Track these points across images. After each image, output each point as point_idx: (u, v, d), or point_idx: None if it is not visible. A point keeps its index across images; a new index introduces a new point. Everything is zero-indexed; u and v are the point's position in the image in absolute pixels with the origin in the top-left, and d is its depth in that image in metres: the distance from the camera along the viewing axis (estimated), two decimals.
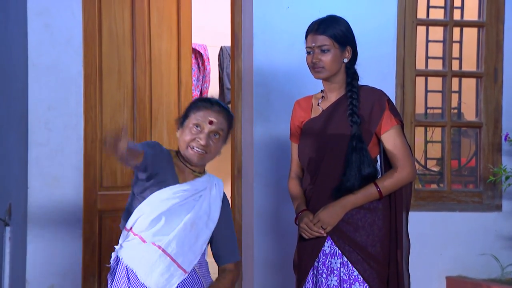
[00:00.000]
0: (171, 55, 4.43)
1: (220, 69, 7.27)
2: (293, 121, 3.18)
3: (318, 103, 3.12)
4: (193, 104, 2.80)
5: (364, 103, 3.01)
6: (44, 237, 3.97)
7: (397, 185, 3.00)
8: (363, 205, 2.98)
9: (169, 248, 2.67)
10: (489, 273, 4.31)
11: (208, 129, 2.72)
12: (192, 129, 2.72)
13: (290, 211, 3.26)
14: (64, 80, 4.02)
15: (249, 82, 4.17)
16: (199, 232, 2.73)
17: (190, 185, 2.73)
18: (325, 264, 2.99)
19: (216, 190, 2.80)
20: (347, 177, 2.95)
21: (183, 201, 2.70)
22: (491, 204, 4.38)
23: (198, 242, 2.73)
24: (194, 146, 2.71)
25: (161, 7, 4.40)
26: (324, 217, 2.96)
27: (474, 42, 4.47)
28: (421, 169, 4.68)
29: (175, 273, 2.67)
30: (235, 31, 4.26)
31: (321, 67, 3.01)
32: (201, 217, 2.73)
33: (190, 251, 2.70)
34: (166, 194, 2.69)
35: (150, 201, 2.69)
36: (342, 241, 2.97)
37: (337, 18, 3.08)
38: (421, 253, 4.24)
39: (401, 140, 3.02)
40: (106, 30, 4.20)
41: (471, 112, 4.61)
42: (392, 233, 3.02)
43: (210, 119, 2.72)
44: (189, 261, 2.70)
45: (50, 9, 4.00)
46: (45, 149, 3.98)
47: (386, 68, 4.26)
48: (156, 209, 2.67)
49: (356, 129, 2.96)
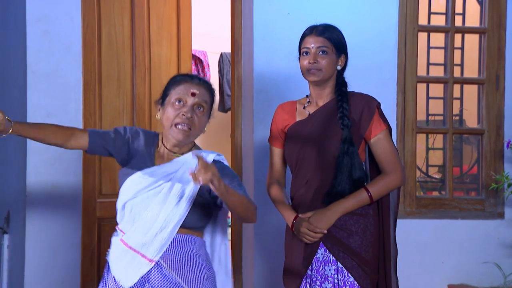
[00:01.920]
0: (171, 62, 4.42)
1: (220, 75, 7.27)
2: (276, 125, 3.16)
3: (304, 107, 3.12)
4: (171, 80, 2.71)
5: (354, 108, 3.02)
6: (43, 244, 3.96)
7: (387, 190, 3.01)
8: (355, 211, 2.99)
9: (130, 240, 2.61)
10: (492, 281, 4.30)
11: (192, 102, 2.64)
12: (174, 104, 2.64)
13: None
14: (63, 87, 4.02)
15: (249, 89, 4.17)
16: (167, 217, 2.61)
17: (158, 168, 2.63)
18: (318, 271, 2.99)
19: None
20: (338, 181, 2.95)
21: (151, 186, 2.60)
22: (493, 211, 4.36)
23: (166, 229, 2.61)
24: (179, 122, 2.62)
25: (161, 13, 4.39)
26: (315, 222, 2.96)
27: (475, 48, 4.47)
28: (422, 176, 4.67)
29: (140, 264, 2.60)
30: (235, 38, 4.27)
31: (318, 69, 3.02)
32: (170, 201, 2.61)
33: (157, 239, 2.60)
34: (133, 180, 2.62)
35: (121, 191, 2.64)
36: (336, 247, 2.97)
37: (334, 26, 3.10)
38: (423, 261, 4.25)
39: (390, 144, 3.03)
40: (106, 37, 4.19)
41: (473, 119, 4.62)
42: (381, 238, 3.04)
43: (192, 91, 2.65)
44: (154, 249, 2.60)
45: (49, 15, 4.00)
46: (44, 156, 3.97)
47: (387, 75, 4.26)
48: (124, 196, 2.62)
49: (347, 133, 2.96)
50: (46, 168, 3.97)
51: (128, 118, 4.24)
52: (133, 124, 4.24)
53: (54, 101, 4.00)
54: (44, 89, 3.99)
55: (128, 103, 4.24)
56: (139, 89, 4.27)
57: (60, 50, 4.01)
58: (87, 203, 4.07)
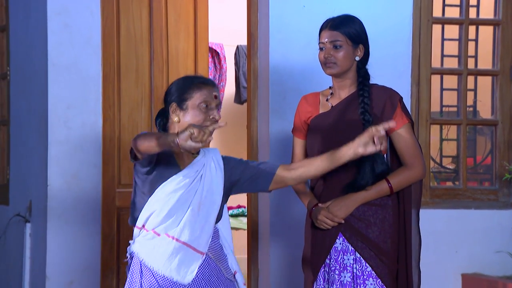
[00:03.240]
0: (188, 54, 4.47)
1: (236, 67, 7.29)
2: (299, 116, 3.18)
3: (327, 99, 3.13)
4: (191, 85, 2.77)
5: (376, 101, 3.03)
6: (64, 233, 4.02)
7: (408, 182, 3.03)
8: (374, 202, 3.00)
9: (183, 236, 2.68)
10: (505, 270, 4.31)
11: (215, 104, 2.75)
12: (201, 108, 2.73)
13: (305, 208, 3.29)
14: (83, 79, 4.08)
15: (265, 81, 4.20)
16: (207, 211, 2.73)
17: (190, 169, 2.72)
18: (337, 261, 3.01)
19: (214, 163, 2.78)
20: (361, 175, 2.97)
21: (188, 188, 2.70)
22: (506, 201, 4.38)
23: (209, 221, 2.73)
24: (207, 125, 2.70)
25: (178, 6, 4.44)
26: (334, 209, 2.99)
27: (490, 40, 4.46)
28: (436, 167, 4.68)
29: (194, 258, 2.69)
30: (251, 30, 4.28)
31: (332, 62, 3.03)
32: (206, 196, 2.73)
33: (203, 232, 2.71)
34: (171, 187, 2.69)
35: (158, 198, 2.69)
36: (355, 237, 2.99)
37: (352, 17, 3.11)
38: (437, 250, 4.25)
39: (412, 138, 3.04)
40: (124, 30, 4.26)
41: (486, 110, 4.62)
42: (401, 230, 3.05)
43: (215, 94, 2.76)
44: (204, 242, 2.72)
45: (69, 9, 4.06)
46: (65, 147, 4.04)
47: (402, 67, 4.27)
48: (166, 205, 2.68)
49: (368, 128, 2.98)
50: (66, 159, 4.03)
51: (146, 110, 4.30)
52: (151, 115, 4.30)
53: (74, 93, 4.06)
54: (65, 81, 4.05)
55: (146, 95, 4.31)
56: (157, 81, 4.33)
57: (80, 43, 4.07)
58: (106, 193, 4.13)
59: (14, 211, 4.47)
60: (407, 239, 3.04)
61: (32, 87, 4.37)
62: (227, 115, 7.16)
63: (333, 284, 2.99)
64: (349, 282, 2.97)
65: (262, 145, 4.23)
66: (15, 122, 4.64)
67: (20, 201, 4.47)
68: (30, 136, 4.39)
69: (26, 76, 4.47)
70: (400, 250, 3.04)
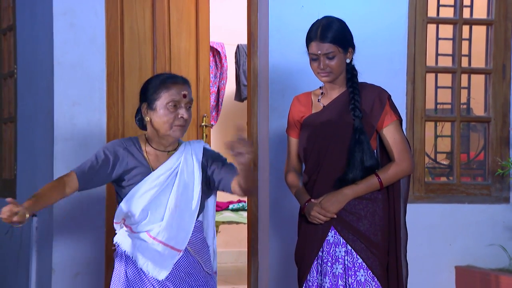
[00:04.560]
0: (190, 53, 4.52)
1: (236, 66, 7.32)
2: (293, 116, 3.22)
3: (318, 99, 3.18)
4: (160, 85, 2.75)
5: (366, 99, 3.08)
6: (69, 227, 4.06)
7: (397, 177, 3.08)
8: (364, 196, 3.06)
9: (159, 235, 2.72)
10: (497, 263, 4.36)
11: (184, 103, 2.74)
12: (169, 108, 2.72)
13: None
14: (88, 78, 4.11)
15: (264, 79, 4.23)
16: (185, 207, 2.74)
17: (163, 168, 2.74)
18: (329, 253, 3.06)
19: (192, 156, 2.78)
20: (350, 168, 3.02)
21: (163, 186, 2.72)
22: (499, 196, 4.43)
23: (186, 218, 2.75)
24: (177, 124, 2.73)
25: (180, 6, 4.49)
26: (327, 205, 3.04)
27: (483, 39, 4.50)
28: (431, 162, 4.69)
29: (170, 255, 2.72)
30: (251, 30, 4.31)
31: (329, 72, 3.07)
32: (183, 192, 2.74)
33: (181, 230, 2.73)
34: (144, 188, 2.71)
35: (129, 199, 2.71)
36: (346, 230, 3.04)
37: (334, 20, 3.10)
38: (431, 243, 4.30)
39: (400, 134, 3.10)
40: (128, 30, 4.31)
41: (479, 108, 4.64)
42: (391, 223, 3.10)
43: (184, 93, 2.73)
44: (182, 239, 2.74)
45: (74, 9, 4.09)
46: (70, 143, 4.07)
47: (397, 65, 4.31)
48: (139, 205, 2.71)
49: (359, 123, 3.03)
50: (72, 155, 4.05)
51: None
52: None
53: (79, 91, 4.09)
54: (70, 79, 4.07)
55: None
56: None
57: (85, 42, 4.10)
58: (110, 187, 4.18)
59: None
60: (396, 232, 3.10)
61: (38, 85, 4.39)
62: (228, 112, 7.23)
63: (325, 275, 3.04)
64: (341, 273, 3.03)
65: (261, 140, 4.26)
66: (22, 119, 4.66)
67: (27, 195, 4.44)
68: (36, 132, 4.42)
69: (33, 74, 4.49)
70: (390, 243, 3.09)
